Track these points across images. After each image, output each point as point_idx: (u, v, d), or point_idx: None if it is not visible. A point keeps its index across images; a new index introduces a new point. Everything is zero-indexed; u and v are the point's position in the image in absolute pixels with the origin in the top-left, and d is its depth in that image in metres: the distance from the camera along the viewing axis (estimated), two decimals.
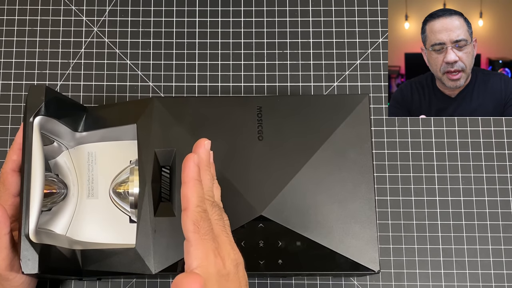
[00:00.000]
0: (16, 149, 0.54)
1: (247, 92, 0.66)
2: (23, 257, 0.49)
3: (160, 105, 0.57)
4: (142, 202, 0.55)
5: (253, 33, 0.68)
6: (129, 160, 0.59)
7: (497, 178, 0.64)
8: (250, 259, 0.54)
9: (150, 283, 0.62)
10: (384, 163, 0.65)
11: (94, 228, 0.58)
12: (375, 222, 0.55)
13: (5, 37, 0.68)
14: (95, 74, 0.67)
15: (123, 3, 0.69)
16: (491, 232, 0.63)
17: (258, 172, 0.56)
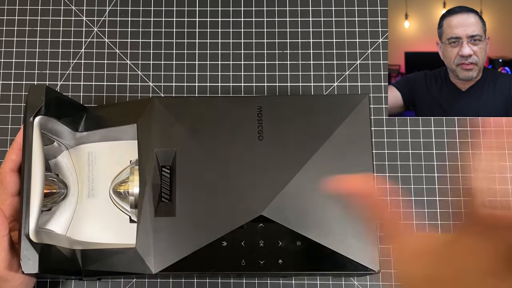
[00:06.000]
0: (16, 149, 0.54)
1: (247, 92, 0.66)
2: (23, 256, 0.49)
3: (160, 105, 0.57)
4: (142, 202, 0.55)
5: (253, 33, 0.68)
6: (129, 160, 0.59)
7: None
8: (250, 259, 0.54)
9: (150, 283, 0.62)
10: (384, 163, 0.65)
11: (94, 228, 0.58)
12: (375, 222, 0.55)
13: (5, 37, 0.68)
14: (95, 74, 0.67)
15: (123, 3, 0.69)
16: None
17: (258, 172, 0.56)
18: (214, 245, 0.54)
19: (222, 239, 0.54)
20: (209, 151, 0.56)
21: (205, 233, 0.54)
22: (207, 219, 0.55)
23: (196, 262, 0.54)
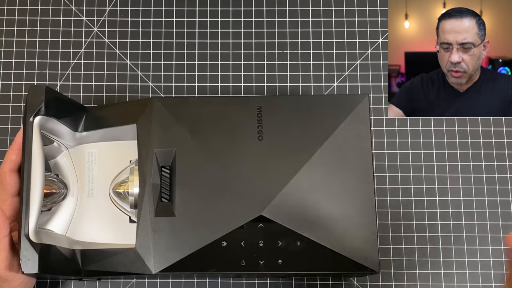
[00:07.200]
0: (15, 149, 0.54)
1: (247, 92, 0.66)
2: (23, 256, 0.49)
3: (160, 105, 0.57)
4: (142, 202, 0.55)
5: (253, 33, 0.68)
6: (129, 160, 0.59)
7: (497, 178, 0.64)
8: (250, 259, 0.54)
9: (150, 283, 0.62)
10: (384, 163, 0.65)
11: (94, 228, 0.58)
12: (375, 222, 0.55)
13: (5, 37, 0.68)
14: (95, 74, 0.67)
15: (123, 3, 0.69)
16: (491, 232, 0.63)
17: (258, 172, 0.56)
18: (214, 245, 0.54)
19: (222, 239, 0.54)
20: (209, 151, 0.56)
21: (205, 233, 0.54)
22: (207, 219, 0.55)
23: (196, 262, 0.54)
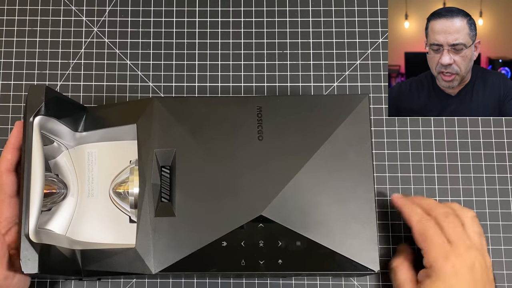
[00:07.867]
0: (11, 148, 0.54)
1: (247, 92, 0.66)
2: (23, 256, 0.49)
3: (160, 105, 0.57)
4: (142, 202, 0.55)
5: (253, 33, 0.68)
6: (129, 160, 0.59)
7: (497, 178, 0.64)
8: (250, 259, 0.54)
9: (150, 283, 0.62)
10: (384, 163, 0.65)
11: (94, 228, 0.58)
12: (375, 222, 0.55)
13: (5, 37, 0.68)
14: (95, 74, 0.67)
15: (123, 3, 0.69)
16: (491, 232, 0.63)
17: (258, 172, 0.56)
18: (214, 245, 0.54)
19: (222, 239, 0.54)
20: (209, 151, 0.56)
21: (205, 233, 0.54)
22: (207, 219, 0.55)
23: (196, 262, 0.54)
